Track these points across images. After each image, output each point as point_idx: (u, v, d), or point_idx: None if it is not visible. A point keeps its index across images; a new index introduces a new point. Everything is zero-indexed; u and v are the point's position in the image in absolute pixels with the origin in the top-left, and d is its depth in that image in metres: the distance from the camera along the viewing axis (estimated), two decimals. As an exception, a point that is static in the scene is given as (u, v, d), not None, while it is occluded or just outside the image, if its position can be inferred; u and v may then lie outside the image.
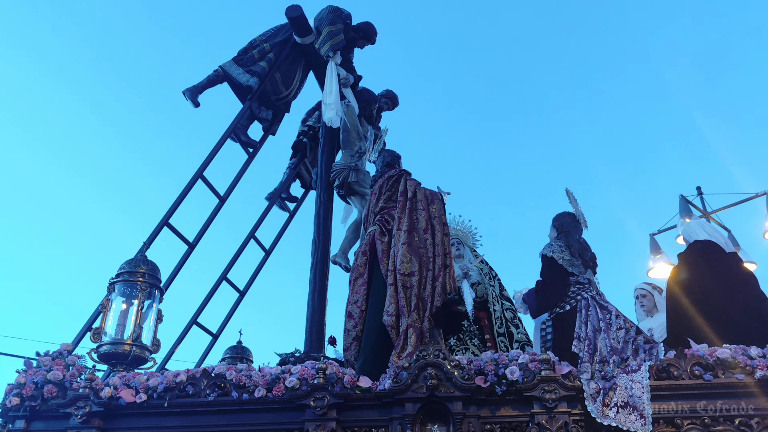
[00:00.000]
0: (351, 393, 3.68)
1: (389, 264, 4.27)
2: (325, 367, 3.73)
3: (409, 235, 4.25)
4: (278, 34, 5.95)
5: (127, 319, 4.38)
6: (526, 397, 3.53)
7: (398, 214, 4.42)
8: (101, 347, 4.25)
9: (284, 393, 3.72)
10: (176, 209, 5.23)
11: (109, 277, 4.54)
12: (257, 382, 3.79)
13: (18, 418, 3.90)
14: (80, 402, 3.81)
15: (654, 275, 8.24)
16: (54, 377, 3.91)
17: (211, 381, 3.84)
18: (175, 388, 3.84)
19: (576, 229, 4.57)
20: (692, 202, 8.65)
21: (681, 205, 8.33)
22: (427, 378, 3.56)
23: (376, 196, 4.72)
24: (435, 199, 4.49)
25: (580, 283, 4.27)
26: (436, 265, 4.15)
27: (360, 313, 4.34)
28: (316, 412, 3.62)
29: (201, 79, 5.67)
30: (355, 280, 4.44)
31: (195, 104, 5.68)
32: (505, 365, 3.64)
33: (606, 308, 4.11)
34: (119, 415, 3.84)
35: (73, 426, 3.81)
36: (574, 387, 3.52)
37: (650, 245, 8.49)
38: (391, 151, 5.13)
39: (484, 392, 3.57)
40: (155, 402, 3.81)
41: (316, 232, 5.65)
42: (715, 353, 3.57)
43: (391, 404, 3.65)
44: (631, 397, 3.44)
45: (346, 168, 5.76)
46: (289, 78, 5.94)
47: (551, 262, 4.30)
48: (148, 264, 4.55)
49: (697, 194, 9.05)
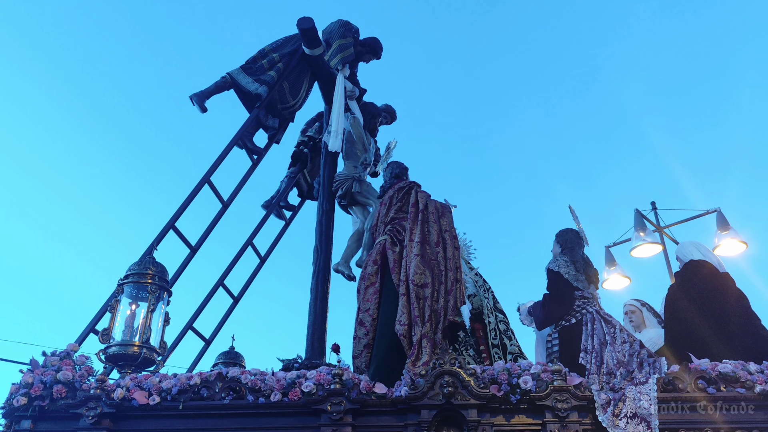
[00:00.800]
0: (367, 399, 3.74)
1: (401, 274, 4.36)
2: (341, 372, 3.78)
3: (421, 247, 4.35)
4: (287, 44, 6.02)
5: (135, 320, 4.35)
6: (539, 406, 3.64)
7: (410, 225, 4.51)
8: (110, 348, 4.21)
9: (300, 397, 3.75)
10: (182, 213, 5.23)
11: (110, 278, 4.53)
12: (272, 386, 3.82)
13: (24, 418, 3.83)
14: (91, 403, 3.77)
15: (608, 286, 8.63)
16: (64, 377, 3.87)
17: (226, 384, 3.85)
18: (189, 390, 3.84)
19: (579, 246, 4.73)
20: (647, 217, 9.02)
21: (636, 219, 8.68)
22: (444, 385, 3.64)
23: (386, 206, 4.81)
24: (446, 212, 4.60)
25: (585, 297, 4.42)
26: (448, 279, 4.25)
27: (372, 321, 4.41)
28: (333, 417, 3.66)
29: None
30: (366, 288, 4.51)
31: (202, 109, 5.70)
32: (518, 375, 3.74)
33: (610, 322, 4.26)
34: (130, 417, 3.81)
35: (83, 427, 3.76)
36: (585, 397, 3.64)
37: (605, 257, 8.80)
38: (400, 163, 5.23)
39: (498, 401, 3.67)
40: (168, 404, 3.80)
41: (318, 240, 5.70)
42: (716, 368, 3.74)
43: (406, 411, 3.71)
44: (639, 408, 3.58)
45: (350, 178, 5.84)
46: (296, 88, 6.01)
47: (557, 276, 4.44)
48: (157, 266, 4.54)
49: (652, 209, 9.44)
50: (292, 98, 6.02)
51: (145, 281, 4.44)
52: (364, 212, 5.92)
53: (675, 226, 9.37)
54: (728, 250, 7.64)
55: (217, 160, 5.48)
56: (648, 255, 8.83)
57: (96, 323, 4.70)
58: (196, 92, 5.80)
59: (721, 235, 7.70)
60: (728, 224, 7.76)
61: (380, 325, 4.34)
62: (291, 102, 6.04)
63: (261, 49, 6.00)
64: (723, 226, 7.72)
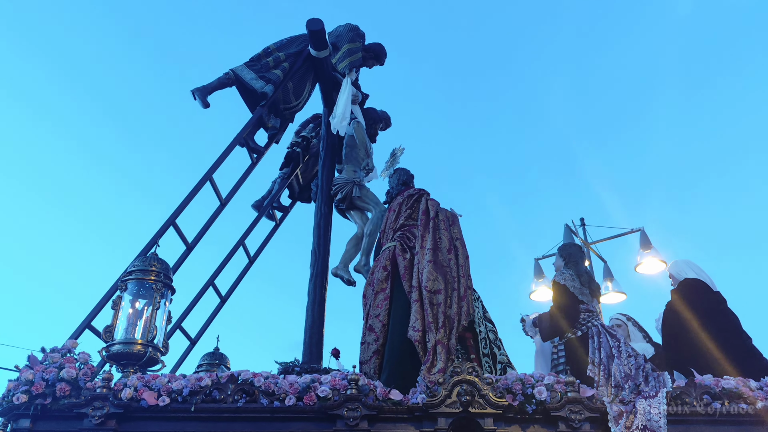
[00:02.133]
0: (383, 405, 3.72)
1: (413, 280, 4.37)
2: (357, 378, 3.75)
3: (433, 254, 4.37)
4: (292, 44, 5.97)
5: (138, 318, 4.23)
6: (553, 417, 3.69)
7: (421, 232, 4.53)
8: (113, 346, 4.08)
9: (316, 402, 3.71)
10: (183, 210, 5.11)
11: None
12: (286, 390, 3.76)
13: (23, 416, 3.67)
14: (98, 402, 3.65)
15: (536, 298, 8.94)
16: (68, 375, 3.72)
17: (239, 387, 3.78)
18: (200, 392, 3.75)
19: (582, 260, 4.83)
20: (576, 232, 9.41)
21: (565, 233, 9.04)
22: (461, 394, 3.66)
23: (395, 213, 4.81)
24: (455, 221, 4.63)
25: (590, 310, 4.52)
26: (461, 286, 4.28)
27: (382, 327, 4.40)
28: (349, 422, 3.63)
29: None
30: (376, 294, 4.50)
31: (205, 105, 5.59)
32: (531, 385, 3.79)
33: (614, 336, 4.37)
34: (137, 418, 3.69)
35: (87, 428, 3.62)
36: (598, 409, 3.72)
37: (534, 269, 9.10)
38: (406, 170, 5.25)
39: (513, 410, 3.71)
40: (178, 406, 3.70)
41: (316, 244, 5.65)
42: (720, 383, 3.87)
43: (422, 418, 3.71)
44: (649, 421, 3.67)
45: (350, 183, 5.82)
46: (299, 89, 5.96)
47: (564, 289, 4.53)
48: (160, 262, 4.43)
49: (581, 224, 9.88)
50: (295, 99, 5.97)
51: (149, 278, 4.32)
52: (362, 217, 5.91)
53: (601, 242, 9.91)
54: (649, 268, 7.88)
55: (219, 158, 5.38)
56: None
57: (92, 319, 4.53)
58: (198, 87, 5.69)
59: (644, 254, 7.95)
60: (650, 243, 8.03)
61: (392, 331, 4.33)
62: (294, 103, 5.98)
63: (266, 47, 5.92)
64: (645, 245, 7.99)
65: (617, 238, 9.64)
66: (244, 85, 5.72)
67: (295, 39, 6.04)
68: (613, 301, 9.35)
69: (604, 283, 9.45)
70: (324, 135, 6.28)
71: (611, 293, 9.28)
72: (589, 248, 9.61)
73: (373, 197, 5.79)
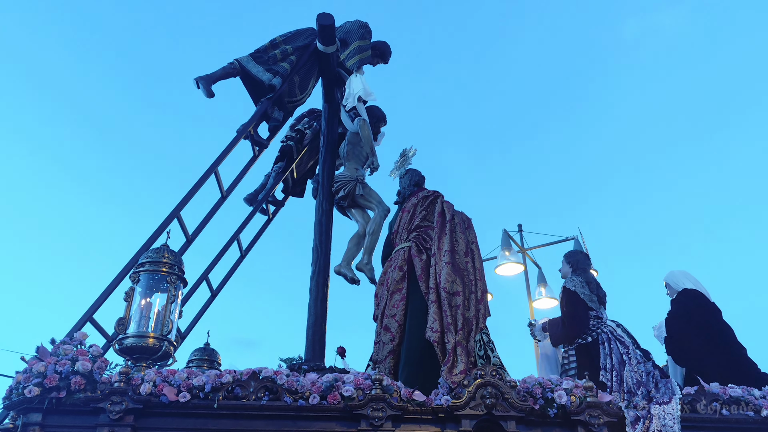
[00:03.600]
0: (408, 406, 3.72)
1: (430, 281, 4.38)
2: (381, 378, 3.74)
3: (451, 256, 4.39)
4: (298, 37, 5.88)
5: (150, 311, 4.10)
6: (573, 420, 3.77)
7: (437, 234, 4.55)
8: (125, 339, 3.94)
9: (340, 401, 3.68)
10: (187, 203, 4.98)
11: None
12: (309, 389, 3.72)
13: (34, 410, 3.51)
14: (115, 397, 3.52)
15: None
16: (83, 368, 3.58)
17: (261, 384, 3.71)
18: (222, 388, 3.66)
19: (589, 267, 4.94)
20: (513, 238, 9.78)
21: (503, 238, 9.48)
22: (486, 396, 3.70)
23: (409, 213, 4.81)
24: (470, 225, 4.67)
25: (599, 317, 4.62)
26: (478, 289, 4.32)
27: (398, 327, 4.39)
28: (374, 422, 3.62)
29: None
30: (392, 294, 4.49)
31: (209, 94, 5.45)
32: (551, 389, 3.86)
33: (623, 342, 4.48)
34: (156, 414, 3.58)
35: (104, 423, 3.49)
36: (616, 414, 3.82)
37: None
38: (418, 171, 5.25)
39: (535, 414, 3.77)
40: (200, 402, 3.61)
41: (318, 240, 5.59)
42: (727, 391, 4.03)
43: (445, 420, 3.73)
44: (664, 426, 3.79)
45: (354, 180, 5.78)
46: (304, 83, 5.88)
47: (575, 296, 4.62)
48: (173, 254, 4.30)
49: (518, 230, 10.22)
50: (300, 93, 5.88)
51: (161, 270, 4.20)
52: (363, 215, 5.88)
53: (537, 248, 10.36)
54: None
55: (224, 151, 5.26)
56: (511, 273, 9.65)
57: (94, 311, 4.37)
58: (201, 75, 5.54)
59: None
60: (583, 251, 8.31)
61: (409, 332, 4.33)
62: (299, 96, 5.90)
63: (272, 39, 5.82)
64: None
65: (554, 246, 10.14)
66: (251, 76, 5.61)
67: (301, 32, 5.96)
68: (545, 306, 9.69)
69: (537, 289, 9.80)
70: (324, 131, 6.21)
71: (544, 299, 9.63)
72: (525, 254, 9.93)
73: (376, 196, 5.77)
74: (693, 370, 4.46)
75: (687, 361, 4.61)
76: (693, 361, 4.56)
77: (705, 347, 4.61)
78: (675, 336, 4.71)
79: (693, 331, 4.68)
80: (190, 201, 5.15)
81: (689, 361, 4.59)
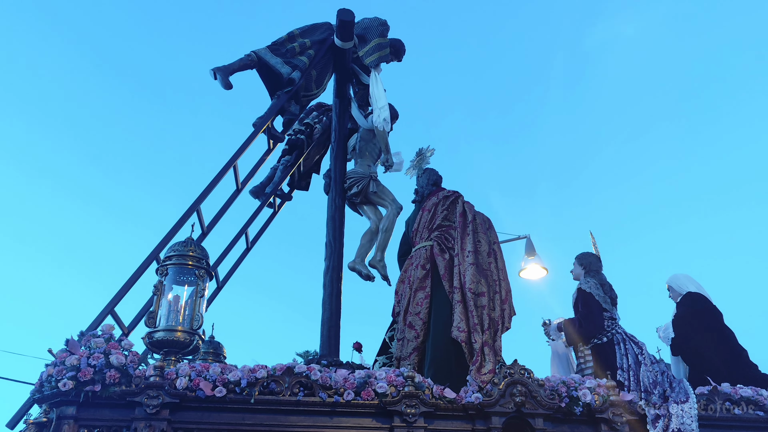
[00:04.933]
0: (440, 403, 3.79)
1: (454, 281, 4.45)
2: (413, 375, 3.80)
3: (475, 257, 4.47)
4: (315, 31, 5.87)
5: (177, 304, 4.08)
6: (597, 418, 3.89)
7: (459, 234, 4.62)
8: (155, 333, 3.92)
9: (374, 398, 3.73)
10: (206, 196, 4.95)
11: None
12: (342, 385, 3.76)
13: (68, 403, 3.48)
14: (151, 391, 3.50)
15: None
16: (118, 362, 3.55)
17: (295, 379, 3.74)
18: (257, 383, 3.68)
19: (600, 269, 5.08)
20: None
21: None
22: (515, 394, 3.79)
23: (429, 213, 4.87)
24: (491, 225, 4.76)
25: (612, 318, 4.77)
26: (502, 289, 4.42)
27: (422, 324, 4.46)
28: (408, 419, 3.68)
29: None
30: (416, 292, 4.55)
31: (227, 85, 5.40)
32: (575, 388, 3.98)
33: (637, 343, 4.64)
34: (191, 408, 3.59)
35: (140, 417, 3.48)
36: (637, 412, 3.96)
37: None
38: (436, 171, 5.32)
39: (561, 411, 3.88)
40: (236, 397, 3.62)
41: (331, 236, 5.60)
42: (738, 392, 4.21)
43: (475, 417, 3.82)
44: (682, 424, 3.95)
45: (367, 177, 5.81)
46: (321, 78, 5.87)
47: (590, 297, 4.75)
48: (200, 248, 4.29)
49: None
50: (316, 87, 5.87)
51: (187, 263, 4.18)
52: (375, 212, 5.92)
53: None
54: (532, 274, 8.15)
55: (243, 145, 5.23)
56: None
57: (115, 304, 4.32)
58: (218, 66, 5.49)
59: (528, 260, 8.23)
60: (534, 250, 8.31)
61: (434, 330, 4.40)
62: (314, 91, 5.89)
63: (290, 32, 5.79)
64: (530, 252, 8.24)
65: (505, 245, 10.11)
66: (269, 68, 5.57)
67: (318, 26, 5.95)
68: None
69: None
70: (336, 126, 6.21)
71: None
72: None
73: (389, 194, 5.82)
74: (701, 370, 4.63)
75: (694, 361, 4.78)
76: (700, 362, 4.73)
77: (711, 348, 4.79)
78: (683, 337, 4.88)
79: (700, 333, 4.86)
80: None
81: (697, 361, 4.76)
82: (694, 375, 4.72)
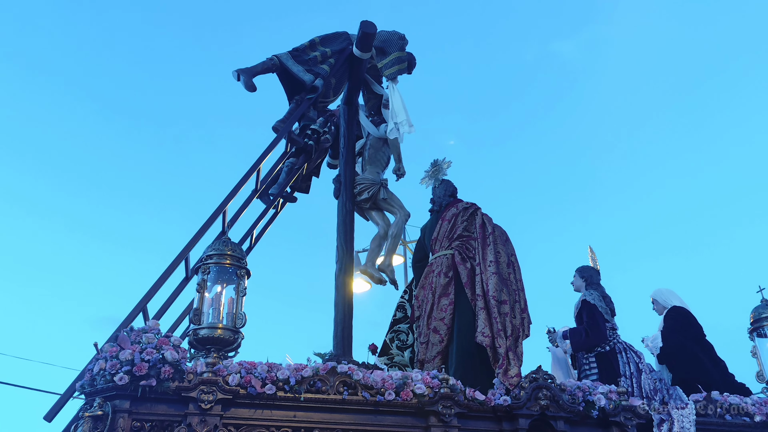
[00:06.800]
0: (472, 404, 4.05)
1: (477, 290, 4.72)
2: (447, 378, 4.04)
3: (496, 267, 4.75)
4: (335, 41, 6.02)
5: (218, 302, 4.17)
6: (610, 422, 4.24)
7: (480, 245, 4.90)
8: (200, 331, 4.00)
9: (412, 398, 3.95)
10: (232, 198, 5.06)
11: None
12: (381, 385, 3.96)
13: (121, 397, 3.54)
14: (205, 387, 3.61)
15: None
16: (172, 357, 3.64)
17: (339, 379, 3.91)
18: (304, 382, 3.83)
19: (599, 281, 5.47)
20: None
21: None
22: (541, 398, 4.10)
23: (450, 223, 5.13)
24: (508, 238, 5.06)
25: (613, 328, 5.15)
26: (521, 298, 4.73)
27: (447, 329, 4.71)
28: (444, 418, 3.92)
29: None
30: (440, 298, 4.80)
31: (251, 88, 5.49)
32: (590, 393, 4.32)
33: (636, 352, 5.03)
34: (242, 405, 3.71)
35: (194, 412, 3.58)
36: (644, 416, 4.34)
37: (354, 261, 9.72)
38: (452, 182, 5.58)
39: (579, 414, 4.21)
40: (285, 394, 3.76)
41: (342, 240, 5.77)
42: (727, 399, 4.65)
43: (502, 418, 4.10)
44: (683, 428, 4.35)
45: (378, 184, 6.02)
46: (338, 86, 6.03)
47: (595, 309, 5.12)
48: (237, 247, 4.39)
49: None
50: (333, 95, 6.04)
51: (225, 262, 4.28)
52: (383, 218, 6.13)
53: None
54: None
55: (267, 149, 5.37)
56: (394, 264, 9.90)
57: (148, 301, 4.39)
58: (241, 68, 5.59)
59: None
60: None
61: (459, 335, 4.66)
62: (331, 98, 6.05)
63: (311, 39, 5.93)
64: None
65: None
66: (291, 74, 5.70)
67: (337, 35, 6.11)
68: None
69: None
70: (345, 132, 6.38)
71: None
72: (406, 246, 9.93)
73: (398, 200, 6.05)
74: (689, 378, 5.06)
75: (682, 370, 5.22)
76: (687, 371, 5.17)
77: (697, 359, 5.24)
78: (672, 347, 5.31)
79: (688, 344, 5.31)
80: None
81: (684, 370, 5.20)
82: (679, 382, 5.14)
